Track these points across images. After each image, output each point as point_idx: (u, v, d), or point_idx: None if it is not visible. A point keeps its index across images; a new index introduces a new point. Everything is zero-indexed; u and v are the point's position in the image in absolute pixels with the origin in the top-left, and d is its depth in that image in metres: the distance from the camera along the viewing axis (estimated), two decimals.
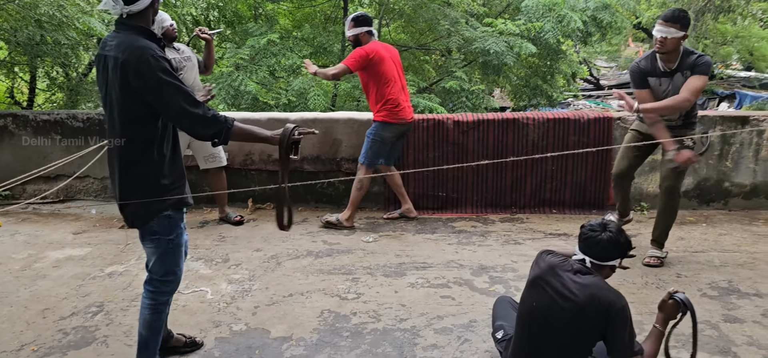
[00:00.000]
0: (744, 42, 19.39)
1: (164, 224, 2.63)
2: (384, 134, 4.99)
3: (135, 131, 2.50)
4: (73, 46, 7.53)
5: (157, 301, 2.77)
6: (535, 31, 9.62)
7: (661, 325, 2.56)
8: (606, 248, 2.46)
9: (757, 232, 5.00)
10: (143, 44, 2.42)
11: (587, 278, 2.43)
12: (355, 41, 4.99)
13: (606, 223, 2.51)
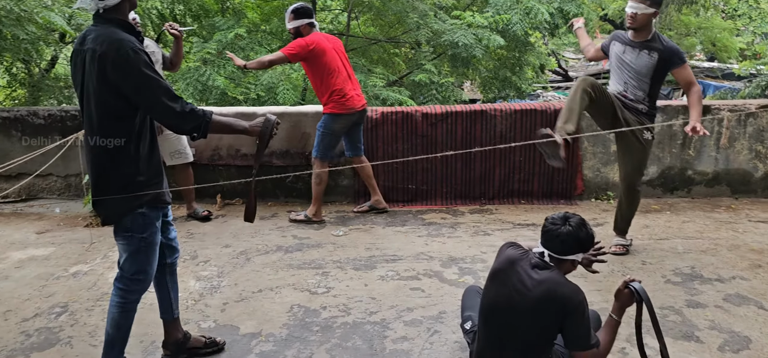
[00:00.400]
0: (707, 33, 19.81)
1: (138, 221, 2.58)
2: (333, 126, 4.94)
3: (112, 126, 2.46)
4: (33, 41, 7.32)
5: (127, 299, 2.71)
6: (503, 23, 9.68)
7: (616, 314, 2.52)
8: (565, 242, 2.43)
9: (718, 219, 5.13)
10: (122, 37, 2.39)
11: (544, 273, 2.41)
12: (295, 33, 4.90)
13: (567, 216, 2.49)
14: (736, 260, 4.18)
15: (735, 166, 5.70)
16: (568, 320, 2.37)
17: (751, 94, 10.68)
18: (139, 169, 2.54)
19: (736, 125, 5.63)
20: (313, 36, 4.86)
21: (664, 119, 5.58)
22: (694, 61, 22.77)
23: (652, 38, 4.06)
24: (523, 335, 2.43)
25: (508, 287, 2.45)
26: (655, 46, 4.05)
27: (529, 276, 2.42)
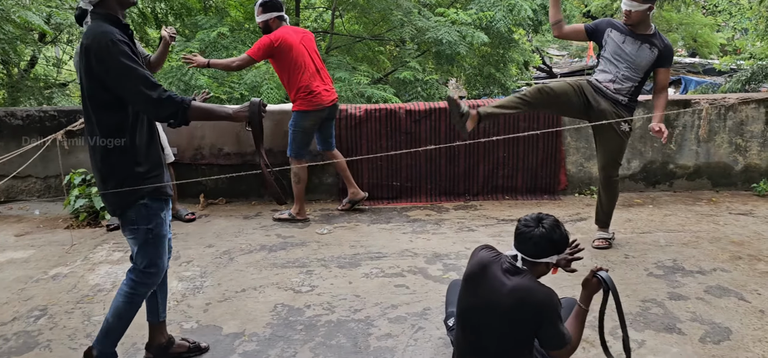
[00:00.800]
0: (688, 29, 20.02)
1: (142, 212, 2.59)
2: (303, 124, 4.88)
3: (104, 117, 2.49)
4: (11, 40, 7.22)
5: (136, 292, 2.70)
6: (487, 20, 9.71)
7: (584, 303, 2.49)
8: (538, 245, 2.37)
9: (700, 211, 5.17)
10: (105, 29, 2.42)
11: (516, 279, 2.36)
12: (264, 27, 4.84)
13: (541, 217, 2.43)
14: (717, 253, 4.22)
15: (715, 159, 5.77)
16: (544, 325, 2.33)
17: (731, 89, 10.81)
18: (137, 161, 2.55)
19: (717, 119, 5.69)
20: (279, 31, 4.76)
21: (644, 113, 5.62)
22: (676, 57, 22.99)
23: (653, 34, 4.09)
24: (500, 342, 2.39)
25: (481, 295, 2.41)
26: (656, 42, 4.07)
27: (502, 283, 2.36)
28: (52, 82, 11.09)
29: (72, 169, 5.34)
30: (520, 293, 2.33)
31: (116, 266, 4.16)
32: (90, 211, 5.17)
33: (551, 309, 2.33)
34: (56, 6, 8.34)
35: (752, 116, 5.68)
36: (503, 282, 2.37)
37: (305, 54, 4.83)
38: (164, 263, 2.75)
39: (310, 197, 5.66)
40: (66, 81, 12.21)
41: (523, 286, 2.34)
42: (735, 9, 19.09)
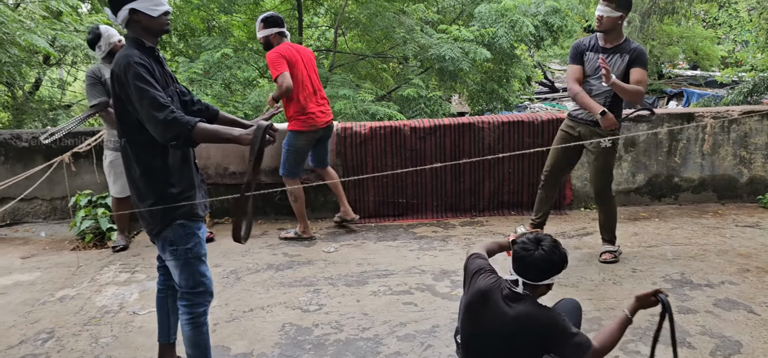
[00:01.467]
0: (689, 42, 20.09)
1: (179, 232, 2.61)
2: (296, 143, 4.86)
3: (134, 137, 2.54)
4: (16, 63, 7.27)
5: (194, 313, 2.71)
6: (489, 36, 9.77)
7: (632, 313, 2.45)
8: (539, 268, 2.33)
9: (706, 224, 5.16)
10: (126, 53, 2.50)
11: (518, 307, 2.33)
12: (266, 44, 4.85)
13: (539, 238, 2.39)
14: (724, 265, 4.20)
15: (720, 172, 5.76)
16: (556, 346, 2.31)
17: (733, 101, 10.82)
18: (170, 182, 2.57)
19: (720, 132, 5.69)
20: (283, 48, 4.76)
21: (649, 128, 5.62)
22: (678, 70, 23.06)
23: (623, 42, 4.09)
24: None
25: (482, 324, 2.39)
26: (625, 47, 4.07)
27: (503, 311, 2.34)
28: (57, 103, 11.15)
29: (78, 191, 5.35)
30: (522, 320, 2.31)
31: (123, 288, 4.16)
32: (96, 232, 5.17)
33: (558, 330, 2.31)
34: (61, 28, 8.40)
35: (756, 128, 5.69)
36: (504, 311, 2.34)
37: (305, 73, 4.83)
38: (210, 279, 2.76)
39: (316, 216, 5.66)
40: (70, 103, 12.27)
41: (525, 313, 2.32)
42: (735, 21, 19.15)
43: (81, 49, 8.52)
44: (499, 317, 2.35)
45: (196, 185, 2.70)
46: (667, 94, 20.34)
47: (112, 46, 4.70)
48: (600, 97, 4.12)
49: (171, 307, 2.91)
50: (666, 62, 23.13)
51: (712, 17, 20.60)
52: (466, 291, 2.51)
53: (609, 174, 4.30)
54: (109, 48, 4.69)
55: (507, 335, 2.33)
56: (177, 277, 2.69)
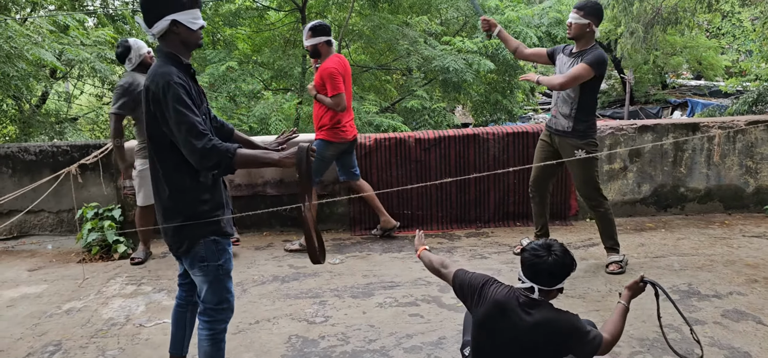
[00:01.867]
0: (692, 52, 20.09)
1: (212, 248, 2.59)
2: (324, 153, 4.93)
3: (165, 156, 2.50)
4: (23, 77, 7.33)
5: (215, 330, 2.70)
6: (493, 48, 9.81)
7: (627, 302, 2.59)
8: (553, 274, 2.37)
9: (713, 234, 5.14)
10: (164, 71, 2.42)
11: (537, 314, 2.36)
12: (313, 51, 4.92)
13: (549, 244, 2.43)
14: (732, 276, 4.19)
15: (726, 182, 5.74)
16: (576, 348, 2.36)
17: (738, 111, 10.80)
18: (202, 199, 2.55)
19: (726, 142, 5.68)
20: (340, 64, 4.88)
21: (654, 138, 5.62)
22: (682, 80, 23.06)
23: (588, 48, 4.17)
24: None
25: (502, 336, 2.39)
26: (584, 53, 4.15)
27: (522, 319, 2.36)
28: (64, 117, 11.22)
29: (84, 204, 5.38)
30: (545, 327, 2.34)
31: (129, 300, 4.17)
32: (102, 244, 5.19)
33: (578, 332, 2.36)
34: (68, 42, 8.48)
35: (762, 138, 5.68)
36: (524, 319, 2.36)
37: (348, 89, 4.95)
38: (233, 296, 2.75)
39: (321, 227, 5.66)
40: (77, 116, 12.35)
41: (545, 320, 2.35)
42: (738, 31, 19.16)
43: (87, 62, 8.59)
44: (519, 327, 2.36)
45: (225, 204, 2.68)
46: (672, 104, 20.35)
47: (142, 57, 4.76)
48: (566, 105, 4.24)
49: (189, 321, 2.91)
50: (670, 72, 23.14)
51: (715, 27, 20.62)
52: (478, 304, 2.50)
53: (591, 181, 4.32)
54: (140, 60, 4.76)
55: (528, 344, 2.35)
56: (204, 293, 2.66)
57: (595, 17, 4.13)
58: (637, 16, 12.60)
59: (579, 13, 4.11)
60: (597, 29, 4.16)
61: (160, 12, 2.44)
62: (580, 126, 4.21)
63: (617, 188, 5.71)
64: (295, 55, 10.82)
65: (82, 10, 11.50)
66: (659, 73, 22.20)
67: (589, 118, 4.24)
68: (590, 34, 4.14)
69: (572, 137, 4.24)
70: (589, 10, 4.11)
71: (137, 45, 4.77)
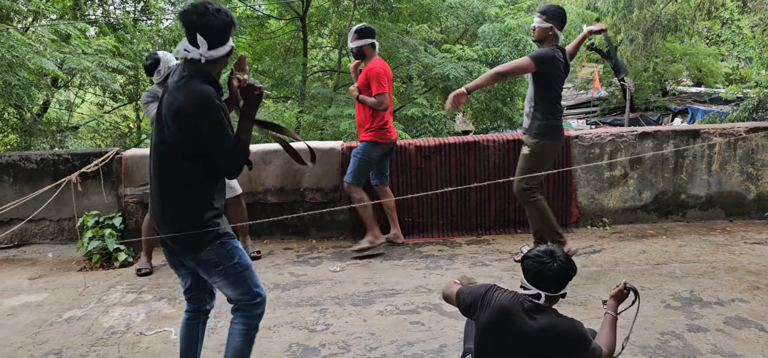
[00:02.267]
0: (692, 59, 20.14)
1: (222, 251, 2.58)
2: (372, 154, 5.01)
3: (189, 165, 2.49)
4: (25, 86, 7.35)
5: (250, 325, 2.70)
6: (493, 55, 9.83)
7: (615, 311, 2.63)
8: (558, 280, 2.40)
9: (714, 241, 5.13)
10: (203, 89, 2.42)
11: (544, 318, 2.37)
12: (358, 53, 4.99)
13: (552, 250, 2.45)
14: (734, 283, 4.18)
15: (727, 188, 5.74)
16: (577, 355, 2.38)
17: (739, 118, 10.81)
18: (214, 206, 2.57)
19: (727, 149, 5.68)
20: (385, 66, 5.00)
21: (654, 145, 5.62)
22: (682, 87, 23.10)
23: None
24: None
25: (507, 340, 2.40)
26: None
27: (528, 324, 2.37)
28: (65, 125, 11.23)
29: (85, 212, 5.38)
30: (550, 333, 2.35)
31: (130, 308, 4.16)
32: (103, 253, 5.19)
33: (582, 339, 2.38)
34: (69, 51, 8.50)
35: (762, 145, 5.67)
36: (529, 324, 2.37)
37: (389, 89, 5.06)
38: (263, 289, 2.74)
39: (321, 235, 5.66)
40: (78, 124, 12.37)
41: (551, 325, 2.37)
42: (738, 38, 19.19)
43: (89, 71, 8.61)
44: (524, 332, 2.37)
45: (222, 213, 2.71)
46: (672, 111, 20.37)
47: (170, 70, 4.70)
48: (527, 104, 4.46)
49: (201, 334, 2.89)
50: (670, 79, 23.16)
51: (715, 34, 20.66)
52: (482, 310, 2.51)
53: (524, 179, 4.40)
54: (169, 71, 4.70)
55: (533, 349, 2.36)
56: (232, 294, 2.66)
57: (557, 21, 4.30)
58: (636, 23, 12.64)
59: (542, 17, 4.29)
60: (560, 33, 4.32)
61: (224, 38, 2.50)
62: (534, 124, 4.37)
63: (618, 194, 5.71)
64: (296, 63, 10.85)
65: (83, 19, 11.54)
66: (659, 80, 22.23)
67: (546, 119, 4.34)
68: (553, 37, 4.31)
69: (526, 134, 4.43)
70: (551, 14, 4.28)
71: (166, 58, 4.76)
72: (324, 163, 5.52)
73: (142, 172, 5.42)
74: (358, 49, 4.97)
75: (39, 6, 10.99)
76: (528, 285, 2.44)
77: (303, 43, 11.34)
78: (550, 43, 4.32)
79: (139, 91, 13.51)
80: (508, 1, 11.30)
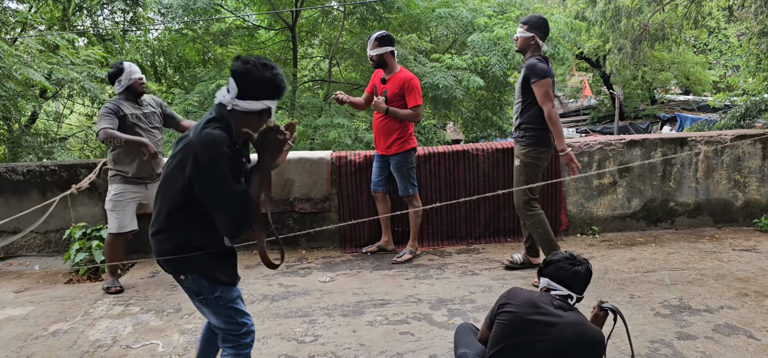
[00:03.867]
0: (680, 67, 20.33)
1: (203, 283, 2.52)
2: (412, 159, 5.09)
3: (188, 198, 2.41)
4: (12, 97, 7.29)
5: (240, 354, 2.66)
6: (482, 64, 9.86)
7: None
8: (584, 282, 2.56)
9: (703, 248, 5.16)
10: (213, 133, 2.33)
11: (571, 315, 2.48)
12: (378, 61, 4.92)
13: (573, 255, 2.58)
14: (723, 290, 4.19)
15: (715, 196, 5.77)
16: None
17: (726, 125, 10.91)
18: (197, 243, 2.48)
19: (714, 156, 5.72)
20: (412, 74, 5.02)
21: (642, 153, 5.65)
22: (670, 95, 23.29)
23: (529, 60, 4.40)
24: None
25: (534, 333, 2.46)
26: (526, 63, 4.41)
27: (558, 315, 2.45)
28: (53, 136, 11.15)
29: (72, 224, 5.32)
30: (579, 327, 2.43)
31: (117, 321, 4.11)
32: (90, 265, 5.13)
33: (602, 349, 2.47)
34: (57, 62, 8.45)
35: (749, 152, 5.72)
36: (559, 315, 2.45)
37: None
38: (249, 317, 2.69)
39: (311, 245, 5.64)
40: (66, 135, 12.29)
41: (579, 322, 2.46)
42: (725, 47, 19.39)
43: (77, 82, 8.56)
44: (556, 322, 2.44)
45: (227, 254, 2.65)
46: (661, 119, 20.53)
47: (132, 82, 4.66)
48: (514, 114, 4.57)
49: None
50: (658, 88, 23.36)
51: (702, 43, 20.87)
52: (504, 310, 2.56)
53: (520, 185, 4.45)
54: (129, 84, 4.66)
55: (565, 342, 2.41)
56: (216, 323, 2.62)
57: (540, 31, 4.37)
58: (624, 32, 12.74)
59: (524, 27, 4.38)
60: (542, 42, 4.38)
61: (258, 93, 2.39)
62: (525, 133, 4.44)
63: (607, 202, 5.72)
64: (286, 73, 10.83)
65: (72, 30, 11.49)
66: (648, 88, 22.42)
67: (537, 127, 4.39)
68: (535, 47, 4.38)
69: (517, 144, 4.50)
70: (533, 24, 4.39)
71: (130, 69, 4.67)
72: (313, 173, 5.50)
73: None
74: (379, 58, 4.89)
75: (27, 17, 10.94)
76: (557, 286, 2.56)
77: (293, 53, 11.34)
78: (532, 53, 4.38)
79: None
80: (497, 11, 11.36)
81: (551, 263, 2.58)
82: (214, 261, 2.52)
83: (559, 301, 2.50)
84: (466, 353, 2.80)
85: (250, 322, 2.68)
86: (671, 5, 12.38)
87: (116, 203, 4.67)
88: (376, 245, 5.37)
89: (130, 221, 4.73)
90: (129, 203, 4.70)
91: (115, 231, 4.70)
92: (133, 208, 4.74)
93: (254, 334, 2.71)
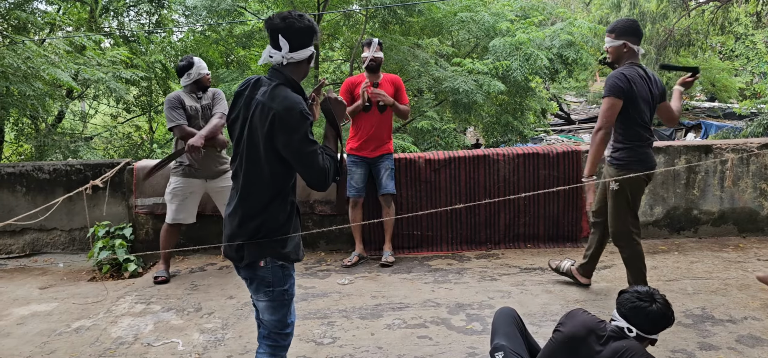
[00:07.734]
0: (706, 74, 20.02)
1: (278, 274, 2.56)
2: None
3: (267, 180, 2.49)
4: (40, 96, 7.44)
5: (277, 355, 2.70)
6: (503, 69, 9.82)
7: None
8: (654, 322, 2.43)
9: (727, 258, 5.07)
10: (293, 97, 2.44)
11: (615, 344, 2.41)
12: (378, 65, 5.15)
13: (653, 292, 2.48)
14: (747, 300, 4.12)
15: (740, 205, 5.67)
16: None
17: (753, 133, 10.72)
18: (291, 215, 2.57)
19: (740, 164, 5.62)
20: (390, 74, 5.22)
21: (666, 160, 5.58)
22: (695, 102, 22.96)
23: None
24: None
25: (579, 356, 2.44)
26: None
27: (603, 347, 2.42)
28: (78, 135, 11.36)
29: (96, 222, 5.41)
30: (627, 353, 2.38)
31: (138, 319, 4.17)
32: (113, 263, 5.21)
33: None
34: (84, 62, 8.60)
35: None
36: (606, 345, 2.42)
37: None
38: (295, 319, 2.74)
39: (330, 247, 5.66)
40: (92, 135, 12.50)
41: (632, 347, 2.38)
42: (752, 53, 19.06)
43: (103, 82, 8.71)
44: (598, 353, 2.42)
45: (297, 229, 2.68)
46: (685, 126, 20.22)
47: (201, 76, 4.86)
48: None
49: None
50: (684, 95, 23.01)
51: (728, 49, 20.54)
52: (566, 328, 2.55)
53: (619, 218, 3.98)
54: (198, 78, 4.84)
55: None
56: (267, 316, 2.64)
57: (630, 35, 3.86)
58: (649, 37, 12.60)
59: (611, 35, 3.91)
60: (636, 47, 3.88)
61: (306, 41, 2.52)
62: (615, 154, 3.96)
63: None
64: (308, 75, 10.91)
65: (98, 31, 11.69)
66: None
67: (631, 146, 3.89)
68: (629, 53, 3.86)
69: (608, 165, 4.02)
70: (621, 30, 3.87)
71: (200, 64, 4.88)
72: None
73: (153, 183, 5.44)
74: (378, 62, 5.12)
75: (55, 18, 11.16)
76: (617, 317, 2.49)
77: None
78: (626, 61, 3.88)
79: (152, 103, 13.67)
80: (520, 16, 11.31)
81: (622, 293, 2.52)
82: (291, 244, 2.58)
83: (618, 331, 2.43)
84: (504, 345, 2.72)
85: (293, 325, 2.72)
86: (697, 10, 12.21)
87: (175, 195, 4.89)
88: (356, 255, 5.31)
89: (188, 215, 4.96)
90: (188, 196, 4.90)
91: (170, 221, 4.93)
92: (193, 201, 4.95)
93: (291, 339, 2.73)
